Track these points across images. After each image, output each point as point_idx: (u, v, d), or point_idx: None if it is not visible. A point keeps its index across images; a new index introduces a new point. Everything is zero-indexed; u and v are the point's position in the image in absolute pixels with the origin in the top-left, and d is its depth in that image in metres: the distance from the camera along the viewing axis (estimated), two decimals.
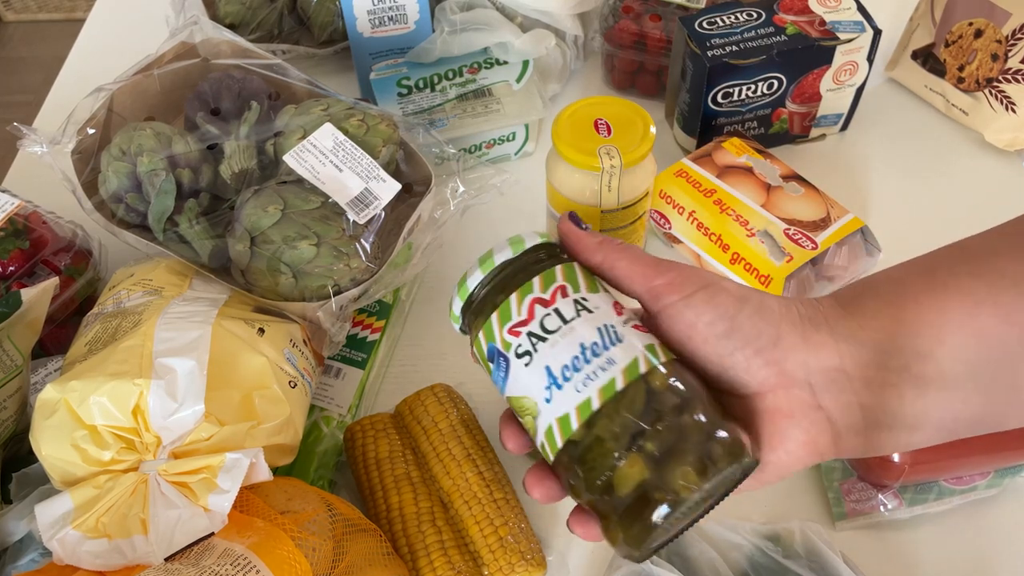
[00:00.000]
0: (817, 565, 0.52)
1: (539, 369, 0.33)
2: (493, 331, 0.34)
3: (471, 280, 0.35)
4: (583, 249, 0.36)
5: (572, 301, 0.33)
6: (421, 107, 0.78)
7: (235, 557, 0.42)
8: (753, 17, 0.75)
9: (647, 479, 0.31)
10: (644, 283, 0.34)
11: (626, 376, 0.32)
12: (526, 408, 0.34)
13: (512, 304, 0.34)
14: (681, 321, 0.33)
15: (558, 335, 0.33)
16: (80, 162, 0.63)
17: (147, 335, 0.50)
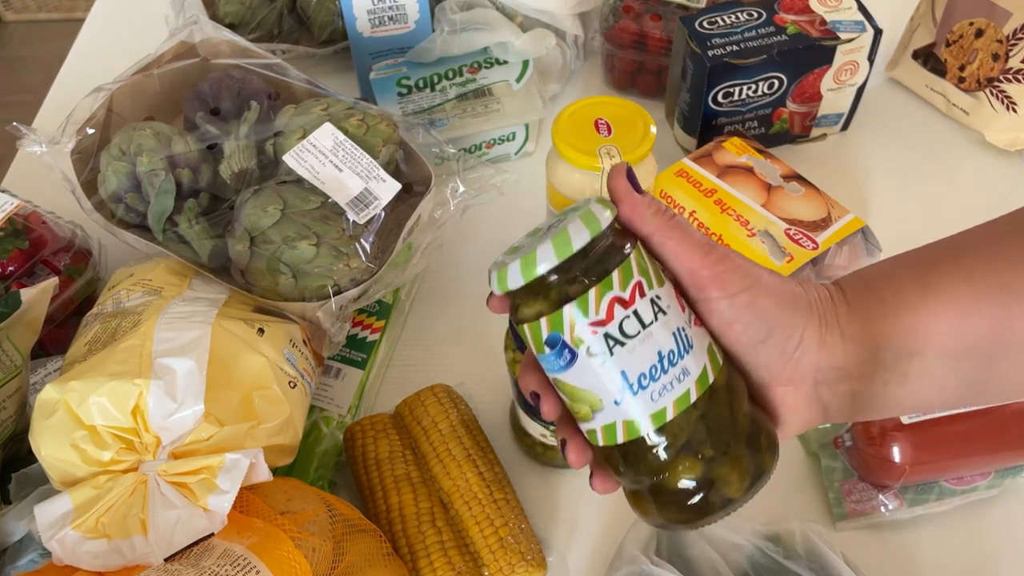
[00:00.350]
0: (818, 565, 0.52)
1: (613, 372, 0.32)
2: (563, 323, 0.32)
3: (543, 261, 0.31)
4: (637, 217, 0.34)
5: (649, 301, 0.32)
6: (421, 107, 0.78)
7: (235, 558, 0.42)
8: (753, 17, 0.75)
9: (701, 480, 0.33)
10: (691, 269, 0.34)
11: (699, 388, 0.32)
12: (585, 400, 0.33)
13: (591, 300, 0.32)
14: (721, 317, 0.34)
15: (636, 341, 0.32)
16: (80, 162, 0.63)
17: (147, 335, 0.50)
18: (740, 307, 0.34)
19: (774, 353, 0.34)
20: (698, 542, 0.54)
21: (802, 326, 0.34)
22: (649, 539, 0.55)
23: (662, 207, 0.35)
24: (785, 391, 0.35)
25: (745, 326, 0.34)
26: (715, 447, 0.33)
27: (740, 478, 0.33)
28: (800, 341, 0.34)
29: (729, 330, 0.34)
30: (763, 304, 0.34)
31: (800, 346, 0.34)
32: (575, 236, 0.32)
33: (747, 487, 0.33)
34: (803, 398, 0.35)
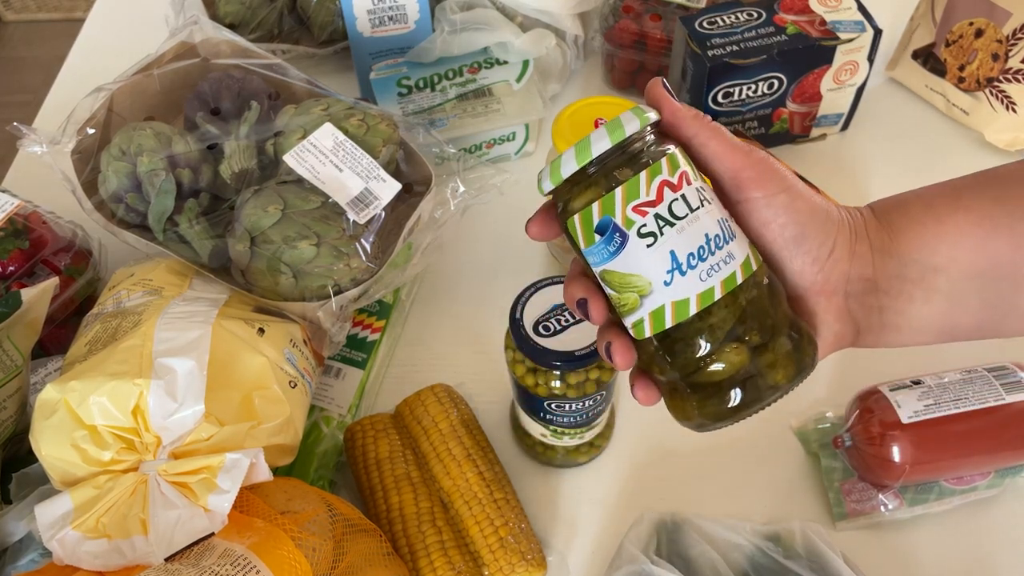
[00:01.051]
0: (818, 565, 0.52)
1: (663, 252, 0.33)
2: (615, 205, 0.34)
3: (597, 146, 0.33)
4: (679, 120, 0.35)
5: (695, 189, 0.34)
6: (421, 107, 0.78)
7: (235, 557, 0.42)
8: (753, 17, 0.75)
9: (747, 368, 0.34)
10: (731, 170, 0.35)
11: (744, 271, 0.34)
12: (633, 285, 0.34)
13: (642, 181, 0.33)
14: (758, 217, 0.35)
15: (685, 222, 0.33)
16: (80, 162, 0.63)
17: (147, 335, 0.50)
18: (778, 206, 0.35)
19: (808, 259, 0.35)
20: (698, 542, 0.54)
21: (834, 234, 0.35)
22: (649, 539, 0.55)
23: (700, 113, 0.36)
24: (817, 301, 0.36)
25: (782, 227, 0.35)
26: (761, 334, 0.33)
27: (785, 366, 0.34)
28: (832, 249, 0.35)
29: (766, 230, 0.35)
30: (799, 206, 0.35)
31: (832, 255, 0.35)
32: (627, 123, 0.34)
33: (791, 376, 0.34)
34: (834, 309, 0.36)
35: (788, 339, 0.34)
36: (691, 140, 0.35)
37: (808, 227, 0.35)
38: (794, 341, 0.34)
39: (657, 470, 0.62)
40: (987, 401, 0.56)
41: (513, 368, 0.53)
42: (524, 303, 0.52)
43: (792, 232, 0.35)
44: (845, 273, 0.36)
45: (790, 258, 0.35)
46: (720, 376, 0.34)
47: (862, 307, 0.36)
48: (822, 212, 0.35)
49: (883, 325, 0.37)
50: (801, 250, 0.35)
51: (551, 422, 0.56)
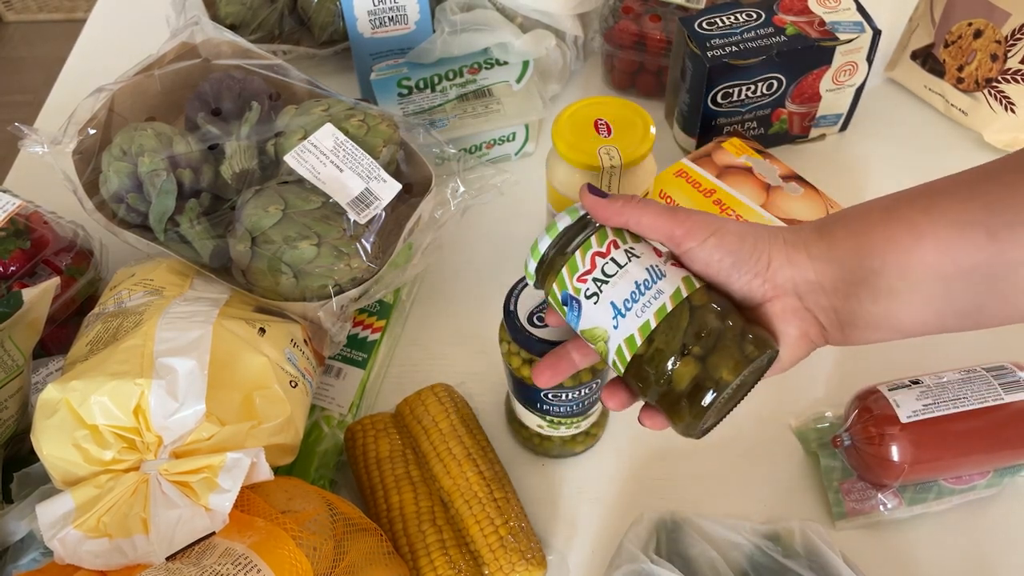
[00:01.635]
0: (817, 565, 0.53)
1: (605, 305, 0.42)
2: (565, 281, 0.43)
3: (542, 244, 0.44)
4: (610, 214, 0.43)
5: (624, 251, 0.42)
6: (421, 107, 0.78)
7: (236, 556, 0.42)
8: (753, 17, 0.75)
9: (698, 374, 0.40)
10: (666, 234, 0.42)
11: (673, 300, 0.41)
12: (598, 336, 0.42)
13: (578, 259, 0.43)
14: (699, 261, 0.42)
15: (616, 277, 0.42)
16: (81, 162, 0.63)
17: (148, 335, 0.50)
18: (710, 248, 0.41)
19: (749, 275, 0.41)
20: (698, 542, 0.54)
21: (767, 250, 0.41)
22: (649, 538, 0.55)
23: (627, 197, 0.43)
24: (772, 305, 0.41)
25: (719, 262, 0.41)
26: (701, 344, 0.40)
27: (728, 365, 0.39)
28: (769, 261, 0.41)
29: (708, 268, 0.42)
30: (728, 241, 0.41)
31: (770, 265, 0.41)
32: (560, 221, 0.44)
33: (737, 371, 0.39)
34: (790, 307, 0.41)
35: (731, 342, 0.40)
36: (626, 225, 0.43)
37: (740, 254, 0.41)
38: (739, 343, 0.40)
39: (657, 470, 0.62)
40: (986, 401, 0.56)
41: (509, 360, 0.54)
42: (517, 295, 0.53)
43: (728, 262, 0.41)
44: (790, 277, 0.41)
45: (736, 280, 0.41)
46: (683, 385, 0.40)
47: (817, 306, 0.41)
48: (750, 238, 0.41)
49: (841, 323, 0.41)
50: (741, 272, 0.41)
51: (548, 412, 0.57)
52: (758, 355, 0.40)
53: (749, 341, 0.40)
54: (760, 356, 0.40)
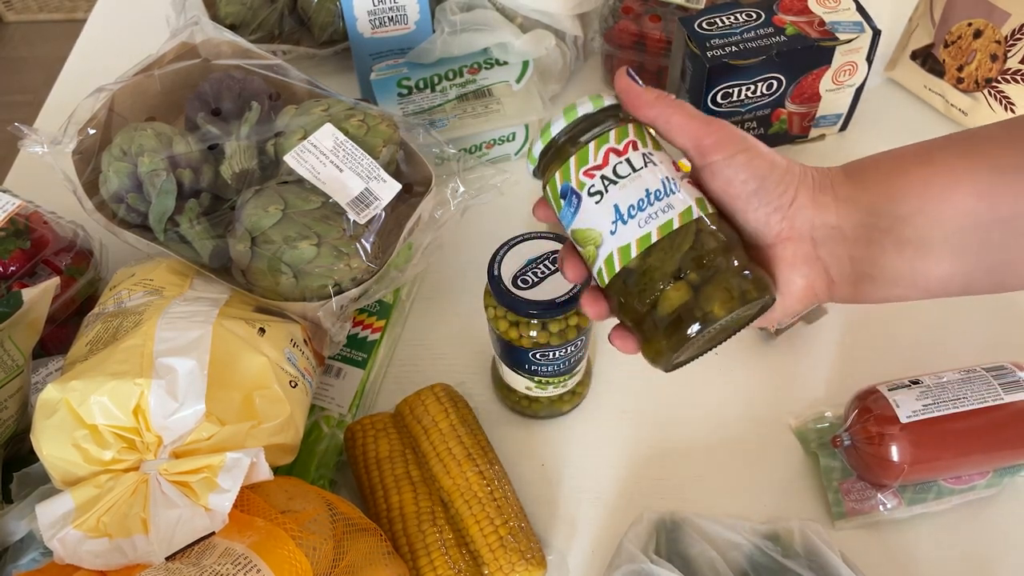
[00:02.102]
0: (817, 564, 0.53)
1: (608, 206, 0.39)
2: (570, 172, 0.40)
3: (555, 126, 0.40)
4: (641, 104, 0.39)
5: (641, 154, 0.39)
6: (421, 107, 0.78)
7: (236, 556, 0.42)
8: (752, 17, 0.75)
9: (687, 302, 0.38)
10: (694, 139, 0.39)
11: (681, 219, 0.38)
12: (590, 238, 0.40)
13: (590, 151, 0.39)
14: (721, 177, 0.38)
15: (627, 180, 0.39)
16: (81, 162, 0.63)
17: (148, 335, 0.50)
18: (737, 165, 0.38)
19: (769, 208, 0.38)
20: (698, 541, 0.54)
21: (795, 184, 0.38)
22: (648, 538, 0.55)
23: (662, 94, 0.39)
24: (784, 247, 0.38)
25: (743, 183, 0.38)
26: (700, 272, 0.37)
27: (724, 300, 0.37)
28: (794, 198, 0.38)
29: (730, 187, 0.38)
30: (758, 163, 0.38)
31: (794, 203, 0.38)
32: (580, 106, 0.40)
33: (731, 308, 0.37)
34: (803, 254, 0.38)
35: (732, 277, 0.37)
36: (655, 120, 0.39)
37: (767, 180, 0.38)
38: (738, 279, 0.37)
39: (657, 470, 0.62)
40: (985, 401, 0.56)
41: (496, 324, 0.55)
42: (500, 260, 0.54)
43: (752, 186, 0.38)
44: (810, 220, 0.38)
45: (754, 209, 0.38)
46: (668, 310, 0.38)
47: (832, 255, 0.38)
48: (781, 167, 0.38)
49: (857, 276, 0.38)
50: (763, 201, 0.38)
51: (535, 373, 0.58)
52: (756, 297, 0.38)
53: (749, 280, 0.38)
54: (757, 299, 0.38)
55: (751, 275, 0.38)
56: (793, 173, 0.38)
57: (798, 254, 0.38)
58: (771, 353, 0.67)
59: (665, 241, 0.38)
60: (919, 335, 0.67)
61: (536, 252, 0.54)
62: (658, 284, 0.38)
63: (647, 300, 0.38)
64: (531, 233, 0.55)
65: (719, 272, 0.37)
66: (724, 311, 0.37)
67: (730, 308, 0.37)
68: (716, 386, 0.66)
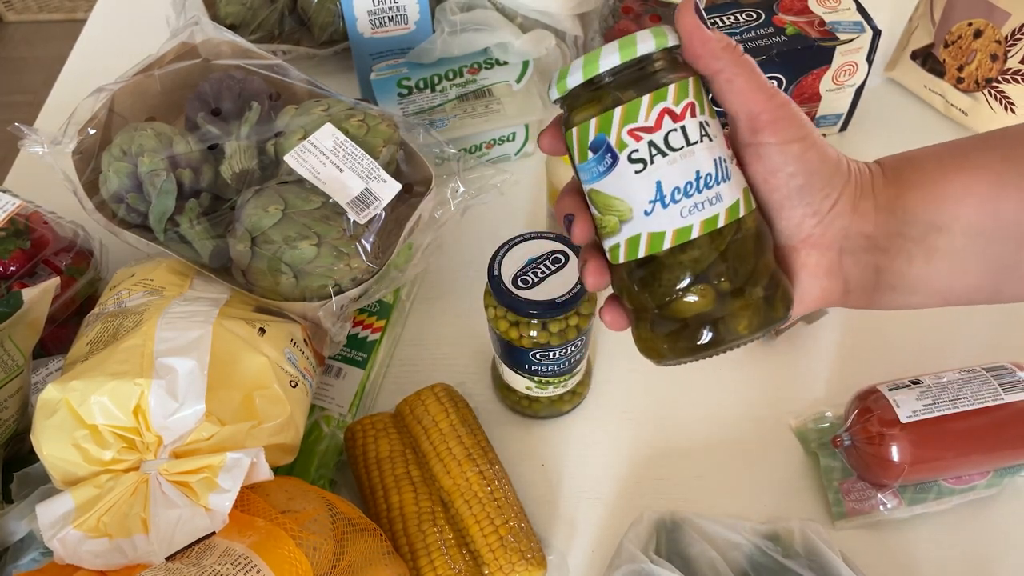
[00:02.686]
0: (817, 564, 0.53)
1: (649, 181, 0.33)
2: (611, 125, 0.33)
3: (605, 61, 0.33)
4: (706, 52, 0.33)
5: (698, 123, 0.33)
6: (421, 107, 0.78)
7: (236, 556, 0.42)
8: (752, 17, 0.75)
9: (711, 311, 0.33)
10: (752, 111, 0.34)
11: (728, 216, 0.33)
12: (615, 208, 0.34)
13: (643, 106, 0.33)
14: (768, 163, 0.34)
15: (679, 155, 0.33)
16: (81, 162, 0.63)
17: (148, 335, 0.50)
18: (789, 155, 0.34)
19: (808, 211, 0.34)
20: (698, 541, 0.54)
21: (840, 188, 0.35)
22: (649, 538, 0.55)
23: (732, 44, 0.34)
24: (809, 254, 0.35)
25: (789, 176, 0.34)
26: (732, 281, 0.33)
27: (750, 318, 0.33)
28: (835, 203, 0.35)
29: (773, 177, 0.34)
30: (810, 157, 0.34)
31: (834, 208, 0.35)
32: (641, 43, 0.33)
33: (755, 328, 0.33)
34: (826, 264, 0.35)
35: (761, 291, 0.34)
36: (716, 75, 0.34)
37: (815, 178, 0.34)
38: (767, 294, 0.34)
39: (657, 470, 0.62)
40: (986, 401, 0.56)
41: (496, 324, 0.55)
42: (500, 260, 0.54)
43: (799, 182, 0.34)
44: (844, 228, 0.35)
45: (791, 207, 0.35)
46: (683, 314, 0.34)
47: (857, 265, 0.36)
48: (831, 164, 0.35)
49: (877, 285, 0.36)
50: (804, 201, 0.34)
51: (536, 373, 0.58)
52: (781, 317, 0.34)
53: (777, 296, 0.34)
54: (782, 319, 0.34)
55: (779, 290, 0.34)
56: (841, 172, 0.35)
57: (821, 263, 0.36)
58: (771, 353, 0.67)
59: (704, 239, 0.33)
60: (919, 335, 0.67)
61: (536, 252, 0.54)
62: (683, 284, 0.33)
63: (664, 297, 0.34)
64: (531, 233, 0.55)
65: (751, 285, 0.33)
66: (748, 330, 0.33)
67: (754, 328, 0.34)
68: (716, 386, 0.66)
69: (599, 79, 0.33)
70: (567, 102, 0.35)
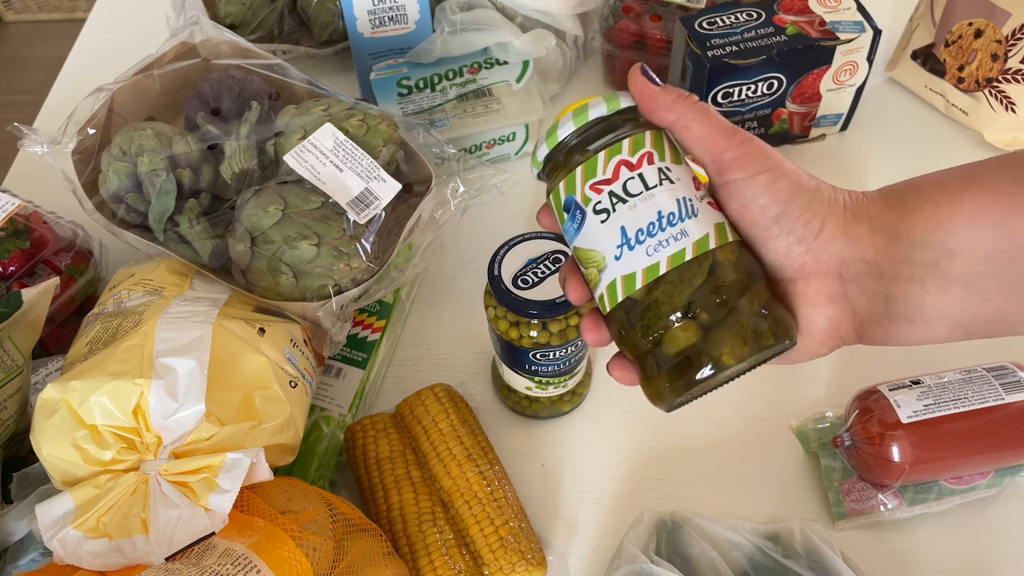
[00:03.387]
0: (817, 565, 0.52)
1: (614, 228, 0.35)
2: (575, 184, 0.35)
3: (562, 130, 0.36)
4: (658, 107, 0.35)
5: (657, 169, 0.35)
6: (421, 107, 0.78)
7: (236, 557, 0.42)
8: (753, 17, 0.75)
9: (695, 344, 0.34)
10: (713, 152, 0.35)
11: (696, 249, 0.34)
12: (592, 260, 0.36)
13: (599, 162, 0.35)
14: (739, 199, 0.35)
15: (639, 199, 0.34)
16: (80, 162, 0.63)
17: (148, 335, 0.50)
18: (758, 187, 0.34)
19: (792, 239, 0.34)
20: (698, 542, 0.54)
21: (822, 212, 0.34)
22: (649, 538, 0.55)
23: (683, 93, 0.35)
24: (807, 283, 0.34)
25: (762, 208, 0.34)
26: (711, 312, 0.33)
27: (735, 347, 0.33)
28: (820, 228, 0.34)
29: (747, 211, 0.34)
30: (781, 186, 0.34)
31: (820, 234, 0.34)
32: (592, 108, 0.36)
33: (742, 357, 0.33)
34: (827, 292, 0.34)
35: (748, 319, 0.34)
36: (673, 124, 0.35)
37: (791, 206, 0.34)
38: (754, 323, 0.34)
39: (657, 470, 0.62)
40: (986, 401, 0.56)
41: (496, 324, 0.55)
42: (500, 260, 0.54)
43: (773, 212, 0.34)
44: (838, 254, 0.34)
45: (774, 238, 0.34)
46: (672, 350, 0.34)
47: (863, 293, 0.34)
48: (808, 191, 0.34)
49: (892, 316, 0.34)
50: (784, 230, 0.34)
51: (536, 373, 0.58)
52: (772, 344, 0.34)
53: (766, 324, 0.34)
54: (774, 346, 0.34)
55: (769, 317, 0.34)
56: (822, 199, 0.34)
57: (822, 292, 0.34)
58: None
59: (675, 273, 0.34)
60: None
61: (536, 252, 0.54)
62: (664, 321, 0.34)
63: (650, 336, 0.34)
64: (531, 233, 0.55)
65: (733, 313, 0.33)
66: (734, 359, 0.33)
67: (741, 356, 0.33)
68: None
69: (562, 147, 0.36)
70: (545, 175, 0.38)
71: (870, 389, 0.58)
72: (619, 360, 0.38)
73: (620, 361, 0.37)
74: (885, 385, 0.58)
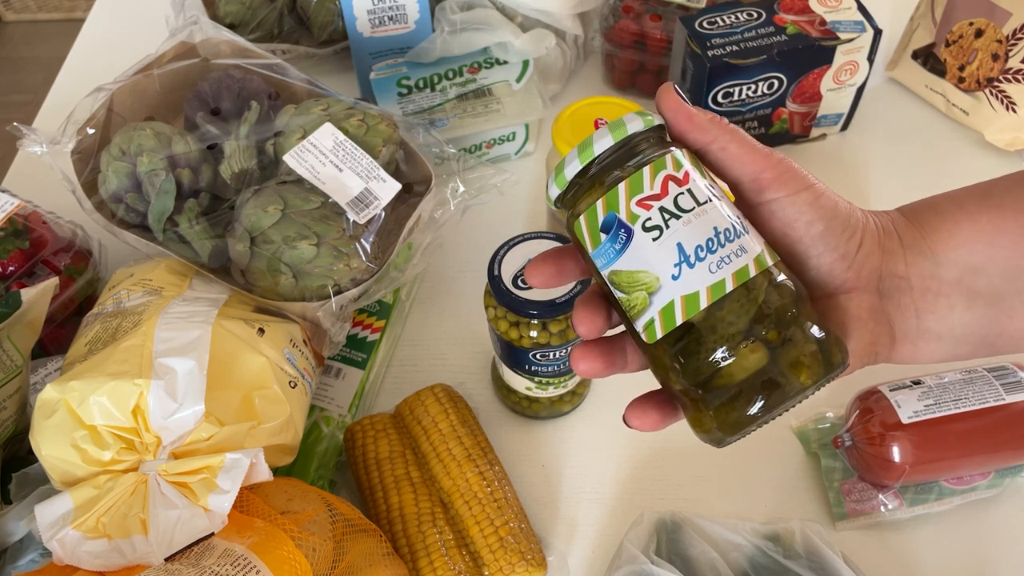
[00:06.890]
0: (817, 565, 0.52)
1: (670, 245, 0.32)
2: (619, 201, 0.33)
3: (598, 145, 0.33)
4: (694, 127, 0.34)
5: (705, 185, 0.33)
6: (421, 107, 0.78)
7: (235, 557, 0.42)
8: (753, 17, 0.75)
9: (766, 367, 0.31)
10: (753, 171, 0.34)
11: (757, 265, 0.32)
12: (641, 283, 0.33)
13: (645, 176, 0.33)
14: (782, 216, 0.34)
15: (692, 215, 0.32)
16: (80, 162, 0.63)
17: (147, 335, 0.50)
18: (803, 204, 0.34)
19: (836, 255, 0.34)
20: (698, 542, 0.54)
21: (860, 229, 0.34)
22: (649, 538, 0.55)
23: (716, 117, 0.34)
24: (849, 299, 0.34)
25: (808, 224, 0.34)
26: (779, 330, 0.32)
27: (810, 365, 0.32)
28: (860, 243, 0.34)
29: (791, 229, 0.34)
30: (823, 203, 0.34)
31: (861, 249, 0.34)
32: (630, 122, 0.33)
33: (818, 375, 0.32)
34: (868, 307, 0.34)
35: (813, 339, 0.32)
36: (709, 145, 0.34)
37: (834, 222, 0.34)
38: (819, 338, 0.32)
39: (657, 470, 0.62)
40: (987, 401, 0.56)
41: (496, 324, 0.55)
42: (500, 260, 0.54)
43: (819, 228, 0.34)
44: (876, 269, 0.34)
45: (818, 255, 0.34)
46: (737, 378, 0.32)
47: (898, 309, 0.34)
48: (844, 210, 0.35)
49: (921, 332, 0.35)
50: (829, 246, 0.34)
51: (536, 373, 0.58)
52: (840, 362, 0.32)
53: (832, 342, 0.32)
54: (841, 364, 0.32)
55: (831, 337, 0.32)
56: (856, 217, 0.34)
57: (863, 307, 0.34)
58: None
59: (740, 291, 0.31)
60: None
61: (536, 252, 0.54)
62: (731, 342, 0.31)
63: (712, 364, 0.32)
64: (531, 233, 0.55)
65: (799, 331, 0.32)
66: (811, 380, 0.31)
67: (817, 376, 0.32)
68: None
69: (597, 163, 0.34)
70: (567, 197, 0.35)
71: (871, 389, 0.58)
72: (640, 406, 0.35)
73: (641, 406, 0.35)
74: (886, 385, 0.58)
